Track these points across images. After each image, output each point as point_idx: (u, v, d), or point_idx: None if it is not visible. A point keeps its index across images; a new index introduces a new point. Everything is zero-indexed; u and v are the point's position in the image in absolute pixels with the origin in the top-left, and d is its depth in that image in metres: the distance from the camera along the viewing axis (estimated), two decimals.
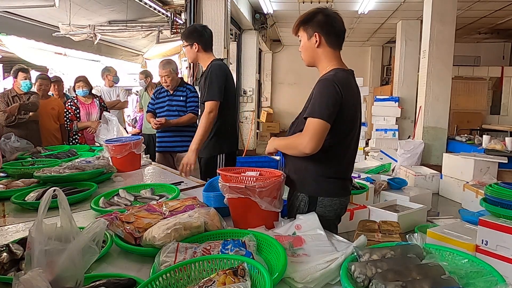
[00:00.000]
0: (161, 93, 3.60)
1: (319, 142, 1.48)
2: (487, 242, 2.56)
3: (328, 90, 1.52)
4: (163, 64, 3.51)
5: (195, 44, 2.72)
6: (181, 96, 3.52)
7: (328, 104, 1.50)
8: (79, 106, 4.11)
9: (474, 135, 6.81)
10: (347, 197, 1.74)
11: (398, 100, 8.17)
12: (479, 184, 4.54)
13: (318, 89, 1.55)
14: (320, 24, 1.62)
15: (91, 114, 4.16)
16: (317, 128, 1.48)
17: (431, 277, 1.01)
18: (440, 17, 6.28)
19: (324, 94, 1.52)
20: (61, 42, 6.34)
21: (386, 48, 12.00)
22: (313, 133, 1.48)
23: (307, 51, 1.67)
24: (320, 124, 1.48)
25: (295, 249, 1.30)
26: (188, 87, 3.59)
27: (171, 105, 3.51)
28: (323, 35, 1.61)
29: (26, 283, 0.81)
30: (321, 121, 1.48)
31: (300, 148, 1.52)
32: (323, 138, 1.49)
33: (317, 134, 1.47)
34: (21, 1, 4.63)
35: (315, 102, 1.52)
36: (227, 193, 1.48)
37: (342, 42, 1.67)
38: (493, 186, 2.56)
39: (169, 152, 3.57)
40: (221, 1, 5.48)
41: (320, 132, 1.48)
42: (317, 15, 1.64)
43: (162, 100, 3.56)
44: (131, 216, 1.39)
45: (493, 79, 10.00)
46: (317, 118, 1.48)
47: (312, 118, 1.49)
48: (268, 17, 8.77)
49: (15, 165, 2.54)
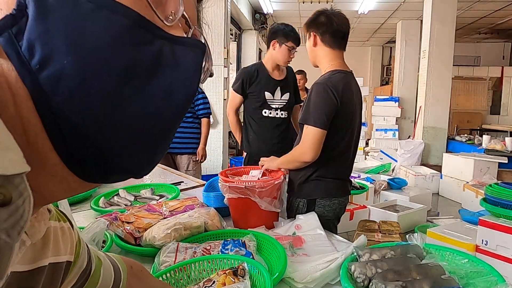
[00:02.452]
0: None
1: (318, 150, 1.55)
2: (487, 242, 2.56)
3: (322, 96, 1.55)
4: None
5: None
6: None
7: (324, 112, 1.53)
8: None
9: (474, 135, 6.81)
10: (346, 197, 1.74)
11: (398, 100, 8.17)
12: (479, 184, 4.53)
13: (313, 95, 1.58)
14: (317, 24, 1.66)
15: None
16: (315, 136, 1.54)
17: (431, 277, 1.01)
18: (440, 17, 6.28)
19: (319, 101, 1.55)
20: None
21: (386, 48, 12.00)
22: (311, 142, 1.54)
23: (309, 51, 1.73)
24: (317, 132, 1.53)
25: (295, 249, 1.30)
26: None
27: None
28: (318, 34, 1.66)
29: None
30: (318, 129, 1.53)
31: (301, 159, 1.58)
32: (321, 145, 1.55)
33: (315, 143, 1.54)
34: None
35: (309, 109, 1.56)
36: (227, 193, 1.48)
37: (341, 42, 1.67)
38: (493, 186, 2.56)
39: (169, 153, 3.57)
40: (221, 1, 5.48)
41: (318, 140, 1.54)
42: (318, 17, 1.67)
43: None
44: (131, 216, 1.39)
45: (493, 79, 9.99)
46: (313, 126, 1.54)
47: (309, 126, 1.55)
48: (268, 17, 8.77)
49: None
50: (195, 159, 3.58)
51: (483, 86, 9.56)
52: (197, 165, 3.62)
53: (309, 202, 1.65)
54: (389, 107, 8.06)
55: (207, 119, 3.59)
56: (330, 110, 1.54)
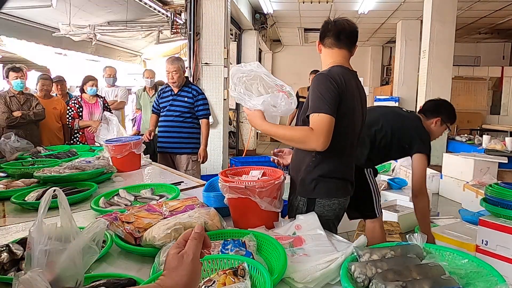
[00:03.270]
0: (165, 92, 3.58)
1: (329, 137, 1.49)
2: (487, 242, 2.56)
3: (324, 85, 1.54)
4: (171, 60, 3.48)
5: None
6: (186, 97, 3.48)
7: (329, 98, 1.51)
8: (83, 105, 4.17)
9: (474, 135, 6.81)
10: (346, 197, 1.73)
11: (398, 100, 8.17)
12: (479, 184, 4.53)
13: (314, 86, 1.57)
14: (320, 33, 1.73)
15: (94, 113, 4.20)
16: (326, 123, 1.48)
17: (431, 277, 1.01)
18: (440, 17, 6.28)
19: (322, 89, 1.54)
20: (60, 43, 6.35)
21: (386, 48, 12.01)
22: (323, 128, 1.48)
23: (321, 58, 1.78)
24: (327, 119, 1.48)
25: (295, 249, 1.30)
26: (194, 88, 3.54)
27: (173, 105, 3.49)
28: (321, 40, 1.73)
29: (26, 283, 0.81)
30: (327, 115, 1.49)
31: (311, 143, 1.50)
32: (331, 133, 1.49)
33: (327, 130, 1.48)
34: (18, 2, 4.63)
35: (315, 99, 1.53)
36: (227, 193, 1.48)
37: (342, 41, 1.68)
38: (493, 186, 2.56)
39: (168, 153, 3.58)
40: (221, 1, 5.49)
41: (329, 127, 1.49)
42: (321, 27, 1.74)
43: (165, 100, 3.54)
44: (131, 216, 1.39)
45: (493, 79, 10.00)
46: (322, 113, 1.49)
47: (318, 113, 1.49)
48: (268, 17, 8.77)
49: (15, 165, 2.53)
50: (194, 159, 3.58)
51: (483, 86, 9.57)
52: (197, 165, 3.62)
53: (309, 201, 1.65)
54: None
55: (206, 120, 3.60)
56: (335, 97, 1.52)
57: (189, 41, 5.51)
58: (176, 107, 3.48)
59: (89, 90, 4.20)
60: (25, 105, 3.82)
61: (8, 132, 3.36)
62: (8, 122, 3.65)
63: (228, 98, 5.92)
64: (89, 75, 4.34)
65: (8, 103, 3.74)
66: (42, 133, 4.03)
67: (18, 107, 3.76)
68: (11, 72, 3.75)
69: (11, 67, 3.80)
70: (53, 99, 4.37)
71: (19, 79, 3.74)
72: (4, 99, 3.74)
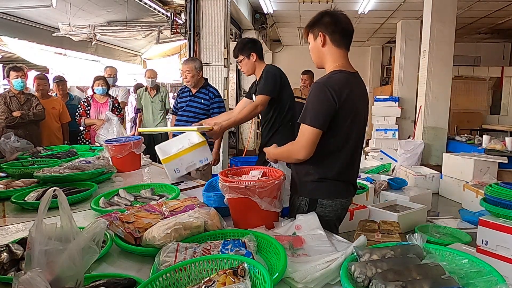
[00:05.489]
0: (184, 92, 3.57)
1: (312, 148, 1.56)
2: (487, 242, 2.56)
3: (320, 96, 1.55)
4: (186, 60, 3.52)
5: (252, 54, 2.68)
6: (202, 99, 3.46)
7: (321, 112, 1.53)
8: (91, 104, 4.26)
9: (474, 135, 6.80)
10: (348, 198, 1.73)
11: (398, 100, 8.17)
12: (479, 184, 4.53)
13: (311, 95, 1.58)
14: (325, 24, 1.64)
15: (101, 112, 4.24)
16: (310, 135, 1.54)
17: (431, 277, 1.01)
18: (440, 17, 6.28)
19: (316, 100, 1.55)
20: (60, 43, 6.34)
21: (386, 48, 11.99)
22: (306, 140, 1.56)
23: (314, 52, 1.70)
24: (312, 131, 1.54)
25: (295, 249, 1.30)
26: (211, 90, 3.51)
27: (190, 106, 3.47)
28: (328, 34, 1.63)
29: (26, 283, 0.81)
30: (314, 129, 1.54)
31: (294, 156, 1.62)
32: (315, 144, 1.56)
33: (310, 142, 1.55)
34: (18, 1, 4.63)
35: (306, 107, 1.58)
36: (227, 193, 1.48)
37: (348, 42, 1.67)
38: (493, 186, 2.56)
39: None
40: (221, 1, 5.48)
41: (313, 139, 1.55)
42: (323, 17, 1.66)
43: (183, 100, 3.54)
44: (131, 216, 1.39)
45: (493, 79, 9.99)
46: (309, 125, 1.54)
47: (304, 125, 1.56)
48: (268, 17, 8.77)
49: (15, 165, 2.54)
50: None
51: (483, 86, 9.55)
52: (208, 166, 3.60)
53: (311, 202, 1.65)
54: (389, 107, 8.06)
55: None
56: (327, 109, 1.53)
57: (189, 41, 5.51)
58: (192, 107, 3.46)
59: (96, 89, 4.29)
60: (25, 105, 3.82)
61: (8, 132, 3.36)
62: (7, 122, 3.65)
63: (228, 98, 5.92)
64: (97, 75, 4.46)
65: (8, 103, 3.73)
66: (42, 133, 4.04)
67: (18, 107, 3.76)
68: (12, 72, 3.75)
69: (12, 66, 3.81)
70: (52, 99, 4.38)
71: (19, 78, 3.75)
72: (4, 99, 3.74)
